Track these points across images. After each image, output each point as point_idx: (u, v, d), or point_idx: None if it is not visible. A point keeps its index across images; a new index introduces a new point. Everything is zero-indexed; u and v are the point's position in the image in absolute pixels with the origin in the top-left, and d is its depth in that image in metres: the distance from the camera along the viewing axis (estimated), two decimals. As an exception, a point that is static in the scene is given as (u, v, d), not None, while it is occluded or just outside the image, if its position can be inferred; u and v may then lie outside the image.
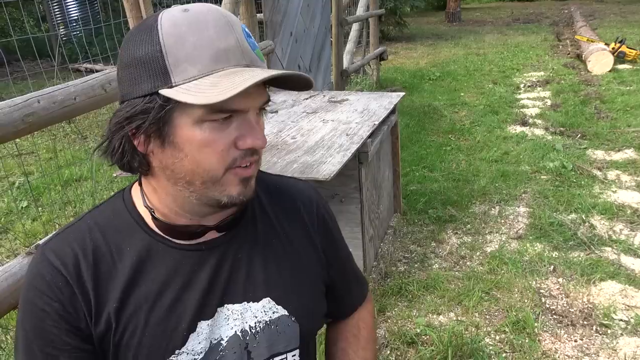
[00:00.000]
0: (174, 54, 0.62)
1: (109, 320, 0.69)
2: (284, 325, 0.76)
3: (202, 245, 0.74)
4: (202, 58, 0.61)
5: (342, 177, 2.31)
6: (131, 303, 0.70)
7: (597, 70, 6.51)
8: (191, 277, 0.72)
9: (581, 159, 3.86)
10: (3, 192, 3.95)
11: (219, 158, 0.65)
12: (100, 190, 3.75)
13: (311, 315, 0.81)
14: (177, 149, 0.65)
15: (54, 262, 0.69)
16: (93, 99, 1.77)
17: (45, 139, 5.00)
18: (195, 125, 0.63)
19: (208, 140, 0.64)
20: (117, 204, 0.75)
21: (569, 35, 9.44)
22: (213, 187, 0.67)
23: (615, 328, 2.13)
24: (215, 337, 0.72)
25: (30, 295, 0.69)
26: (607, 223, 2.95)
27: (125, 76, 0.65)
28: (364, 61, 6.23)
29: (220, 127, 0.64)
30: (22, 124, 1.49)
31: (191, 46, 0.62)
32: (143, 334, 0.70)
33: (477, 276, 2.52)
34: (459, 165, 3.94)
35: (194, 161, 0.65)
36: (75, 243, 0.70)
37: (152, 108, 0.62)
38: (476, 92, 6.16)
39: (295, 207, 0.83)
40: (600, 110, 4.99)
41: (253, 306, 0.75)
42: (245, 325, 0.74)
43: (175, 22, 0.63)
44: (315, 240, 0.84)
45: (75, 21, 9.65)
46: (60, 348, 0.68)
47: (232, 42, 0.63)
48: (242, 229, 0.77)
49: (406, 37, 11.27)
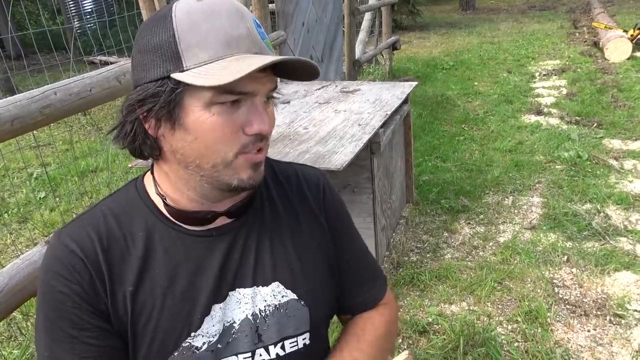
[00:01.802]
0: (186, 39, 0.63)
1: (125, 303, 0.71)
2: (293, 309, 0.77)
3: (212, 231, 0.75)
4: (213, 44, 0.63)
5: (354, 167, 2.32)
6: (146, 287, 0.72)
7: (614, 58, 6.38)
8: (202, 262, 0.74)
9: (597, 148, 3.81)
10: (22, 183, 4.03)
11: (227, 141, 0.66)
12: (115, 180, 3.81)
13: (319, 299, 0.81)
14: (187, 132, 0.66)
15: (70, 245, 0.70)
16: (108, 90, 1.79)
17: (61, 130, 5.08)
18: (204, 109, 0.65)
19: (217, 123, 0.65)
20: (130, 191, 0.77)
21: (586, 23, 9.25)
22: (224, 170, 0.68)
23: (629, 318, 2.12)
24: (228, 320, 0.74)
25: (48, 278, 0.70)
26: (623, 213, 2.92)
27: (139, 62, 0.67)
28: (377, 51, 6.19)
29: (229, 111, 0.65)
30: (39, 115, 1.52)
31: (203, 32, 0.63)
32: (159, 317, 0.71)
33: (490, 266, 2.52)
34: (472, 155, 3.92)
35: (204, 144, 0.66)
36: (90, 228, 0.72)
37: (163, 91, 0.64)
38: (490, 81, 6.10)
39: (302, 193, 0.84)
40: (618, 98, 4.91)
41: (262, 290, 0.76)
42: (255, 309, 0.75)
43: (189, 11, 0.65)
44: (324, 225, 0.84)
45: (90, 14, 9.72)
46: (81, 327, 0.70)
47: (243, 31, 0.65)
48: (251, 215, 0.78)
49: (419, 26, 11.15)
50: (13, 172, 4.23)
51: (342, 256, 0.86)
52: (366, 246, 0.93)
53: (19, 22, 9.27)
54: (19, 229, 3.34)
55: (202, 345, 0.73)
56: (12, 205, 3.66)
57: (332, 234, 0.85)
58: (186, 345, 0.72)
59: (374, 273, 0.92)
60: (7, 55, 6.47)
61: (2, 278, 1.42)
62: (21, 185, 4.00)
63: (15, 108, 1.45)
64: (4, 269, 1.47)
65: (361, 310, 0.90)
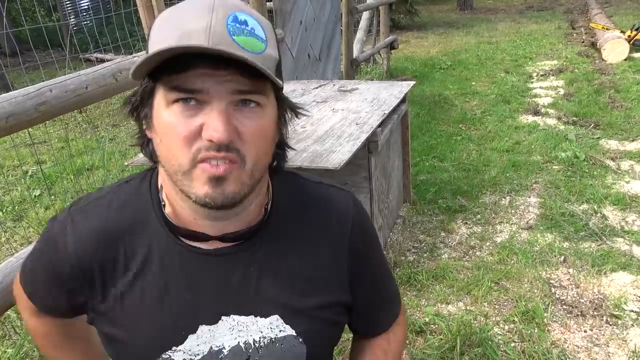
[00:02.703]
0: (153, 38, 0.64)
1: (116, 300, 0.72)
2: (289, 345, 0.74)
3: (213, 251, 0.72)
4: (168, 38, 0.60)
5: (351, 166, 2.31)
6: (136, 292, 0.71)
7: (612, 59, 6.39)
8: (196, 280, 0.72)
9: (594, 149, 3.82)
10: (16, 181, 4.01)
11: (183, 145, 0.61)
12: (111, 179, 3.79)
13: (320, 339, 0.77)
14: (155, 132, 0.66)
15: (68, 235, 0.72)
16: (104, 87, 1.78)
17: (57, 128, 5.05)
18: (165, 108, 0.63)
19: (173, 123, 0.62)
20: (143, 186, 0.75)
21: (583, 23, 9.27)
22: (183, 179, 0.64)
23: (625, 319, 2.12)
24: (217, 345, 0.72)
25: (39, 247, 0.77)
26: (620, 214, 2.92)
27: None
28: (374, 50, 6.18)
29: (188, 113, 0.61)
30: (35, 112, 1.50)
31: (166, 29, 0.62)
32: (144, 324, 0.71)
33: (487, 266, 2.52)
34: (470, 155, 3.92)
35: (165, 145, 0.64)
36: (95, 220, 0.73)
37: (142, 90, 0.66)
38: (488, 81, 6.10)
39: (326, 222, 0.78)
40: (615, 99, 4.92)
41: (260, 321, 0.73)
42: (249, 338, 0.73)
43: (168, 9, 0.65)
44: (342, 260, 0.78)
45: (86, 11, 9.68)
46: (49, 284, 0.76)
47: (202, 24, 0.59)
48: (259, 240, 0.73)
49: (417, 26, 11.15)
50: (7, 169, 4.20)
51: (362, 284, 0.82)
52: (390, 272, 0.91)
53: (15, 19, 9.22)
54: (13, 227, 3.32)
55: None
56: (6, 203, 3.64)
57: (351, 269, 0.79)
58: (165, 357, 0.72)
59: (391, 294, 0.91)
60: (2, 52, 6.43)
61: (-4, 276, 1.40)
62: (16, 183, 3.98)
63: (10, 105, 1.44)
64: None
65: (382, 330, 0.90)
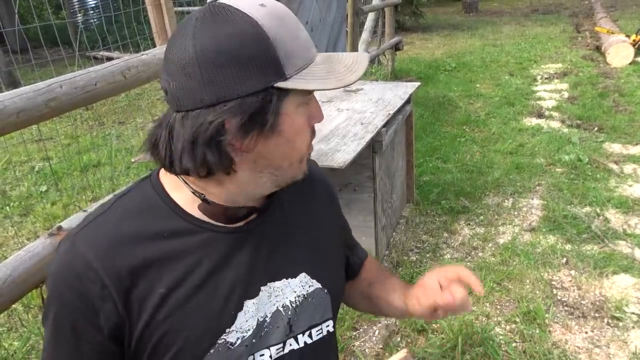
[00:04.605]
0: (282, 47, 0.63)
1: (156, 305, 0.68)
2: (318, 298, 0.81)
3: (239, 229, 0.75)
4: (300, 48, 0.66)
5: (356, 165, 2.33)
6: (176, 286, 0.69)
7: (616, 63, 6.39)
8: (231, 259, 0.73)
9: (597, 152, 3.82)
10: (23, 177, 4.04)
11: (306, 138, 0.72)
12: (117, 175, 3.82)
13: (339, 286, 0.87)
14: (281, 136, 0.67)
15: (86, 253, 0.67)
16: (113, 85, 1.80)
17: (63, 125, 5.08)
18: (296, 112, 0.68)
19: (303, 122, 0.70)
20: (147, 191, 0.74)
21: (588, 27, 9.25)
22: (298, 166, 0.72)
23: (626, 321, 2.13)
24: (262, 315, 0.75)
25: (59, 286, 0.68)
26: (622, 217, 2.93)
27: (215, 79, 0.62)
28: (379, 51, 6.20)
29: (306, 109, 0.70)
30: (45, 108, 1.53)
31: (289, 38, 0.65)
32: (192, 316, 0.70)
33: (489, 267, 2.53)
34: (473, 157, 3.93)
35: (291, 145, 0.69)
36: (108, 231, 0.69)
37: (268, 101, 0.63)
38: (492, 84, 6.11)
39: (309, 185, 0.87)
40: (619, 103, 4.92)
41: (292, 282, 0.78)
42: (286, 301, 0.77)
43: (270, 16, 0.64)
44: (330, 213, 0.91)
45: (93, 9, 9.73)
46: (86, 344, 0.69)
47: (303, 32, 0.67)
48: (272, 211, 0.80)
49: (422, 28, 11.16)
50: (15, 165, 4.24)
51: (344, 237, 0.97)
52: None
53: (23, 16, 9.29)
54: (20, 222, 3.35)
55: (237, 340, 0.73)
56: (14, 198, 3.67)
57: (337, 223, 0.94)
58: (221, 342, 0.72)
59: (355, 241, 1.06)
60: (12, 49, 6.48)
61: (6, 269, 1.42)
62: (23, 178, 4.01)
63: (21, 100, 1.46)
64: (7, 260, 1.47)
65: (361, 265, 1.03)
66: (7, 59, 7.19)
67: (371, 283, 0.98)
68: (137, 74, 1.87)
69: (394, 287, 0.94)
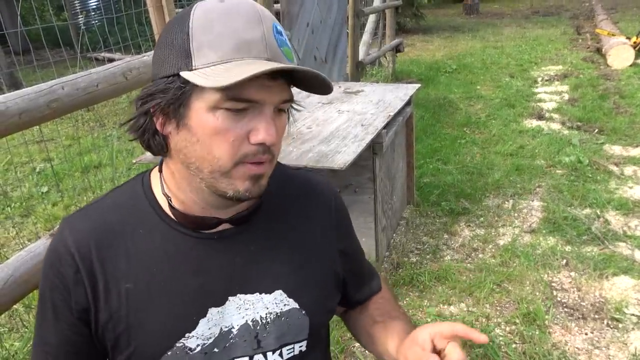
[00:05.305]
0: (198, 38, 0.63)
1: (120, 299, 0.72)
2: (294, 318, 0.78)
3: (214, 234, 0.75)
4: (224, 46, 0.63)
5: (356, 167, 2.33)
6: (142, 284, 0.72)
7: (617, 65, 6.40)
8: (202, 264, 0.74)
9: (598, 154, 3.83)
10: (24, 178, 4.05)
11: (229, 149, 0.65)
12: (118, 177, 3.83)
13: (321, 309, 0.82)
14: (190, 133, 0.66)
15: (67, 237, 0.72)
16: (114, 86, 1.81)
17: (64, 126, 5.10)
18: (210, 111, 0.64)
19: (220, 128, 0.64)
20: (136, 187, 0.78)
21: (589, 29, 9.26)
22: (221, 178, 0.67)
23: (626, 322, 2.13)
24: (226, 325, 0.74)
25: (46, 264, 0.75)
26: (622, 219, 2.94)
27: (156, 56, 0.68)
28: (380, 53, 6.21)
29: (235, 118, 0.64)
30: (47, 109, 1.53)
31: (216, 33, 0.63)
32: (155, 315, 0.72)
33: (489, 268, 2.53)
34: (474, 159, 3.93)
35: (205, 147, 0.65)
36: (93, 221, 0.74)
37: (171, 88, 0.64)
38: (492, 85, 6.11)
39: (310, 202, 0.85)
40: (619, 105, 4.93)
41: (265, 297, 0.76)
42: (256, 316, 0.76)
43: (208, 10, 0.65)
44: (330, 235, 0.85)
45: (94, 10, 9.76)
46: (62, 319, 0.74)
47: (258, 35, 0.64)
48: (255, 222, 0.78)
49: (423, 29, 11.17)
50: (16, 166, 4.25)
51: (349, 256, 0.89)
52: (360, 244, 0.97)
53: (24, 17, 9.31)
54: (21, 223, 3.36)
55: (196, 347, 0.73)
56: (15, 199, 3.68)
57: (339, 243, 0.86)
58: (180, 345, 0.72)
59: (372, 271, 0.98)
60: (14, 50, 6.50)
61: (7, 269, 1.43)
62: (24, 179, 4.02)
63: (23, 101, 1.47)
64: (9, 261, 1.48)
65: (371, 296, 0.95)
66: (8, 60, 7.21)
67: (375, 322, 0.90)
68: (139, 75, 1.88)
69: (395, 332, 0.83)
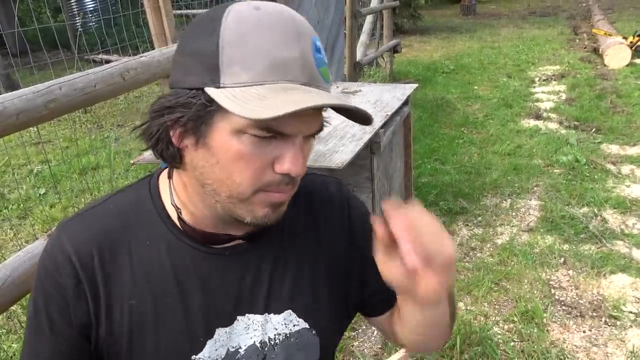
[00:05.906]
0: (229, 52, 0.56)
1: (123, 315, 0.67)
2: (304, 339, 0.74)
3: (225, 250, 0.70)
4: (257, 64, 0.55)
5: (354, 166, 2.33)
6: (148, 300, 0.67)
7: (614, 65, 6.42)
8: (211, 281, 0.69)
9: (595, 153, 3.84)
10: (22, 179, 4.05)
11: (252, 176, 0.60)
12: (116, 178, 3.83)
13: (332, 329, 0.78)
14: (210, 153, 0.60)
15: (66, 245, 0.66)
16: (112, 86, 1.81)
17: (63, 127, 5.09)
18: (234, 134, 0.58)
19: (244, 154, 0.58)
20: (142, 192, 0.72)
21: (586, 29, 9.29)
22: (239, 204, 0.62)
23: (624, 320, 2.14)
24: (234, 345, 0.70)
25: (41, 273, 0.68)
26: (620, 217, 2.95)
27: (178, 63, 0.61)
28: (378, 53, 6.22)
29: (261, 144, 0.58)
30: (44, 109, 1.53)
31: (250, 48, 0.56)
32: (161, 333, 0.68)
33: (487, 267, 2.54)
34: (471, 158, 3.94)
35: (225, 171, 0.60)
36: (92, 229, 0.68)
37: (194, 104, 0.57)
38: (490, 86, 6.13)
39: (327, 213, 0.78)
40: (616, 104, 4.94)
41: (274, 318, 0.72)
42: (264, 337, 0.72)
43: (241, 19, 0.57)
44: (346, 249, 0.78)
45: (91, 12, 9.76)
46: (58, 333, 0.68)
47: (295, 54, 0.56)
48: (268, 238, 0.73)
49: (420, 30, 11.19)
50: (13, 168, 4.24)
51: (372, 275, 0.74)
52: None
53: (21, 19, 9.31)
54: (18, 224, 3.35)
55: None
56: (12, 200, 3.68)
57: (355, 257, 0.78)
58: None
59: None
60: (11, 52, 6.49)
61: (5, 270, 1.42)
62: (21, 181, 4.02)
63: (20, 102, 1.47)
64: (6, 262, 1.48)
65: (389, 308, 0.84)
66: (5, 61, 7.19)
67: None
68: (136, 75, 1.88)
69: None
